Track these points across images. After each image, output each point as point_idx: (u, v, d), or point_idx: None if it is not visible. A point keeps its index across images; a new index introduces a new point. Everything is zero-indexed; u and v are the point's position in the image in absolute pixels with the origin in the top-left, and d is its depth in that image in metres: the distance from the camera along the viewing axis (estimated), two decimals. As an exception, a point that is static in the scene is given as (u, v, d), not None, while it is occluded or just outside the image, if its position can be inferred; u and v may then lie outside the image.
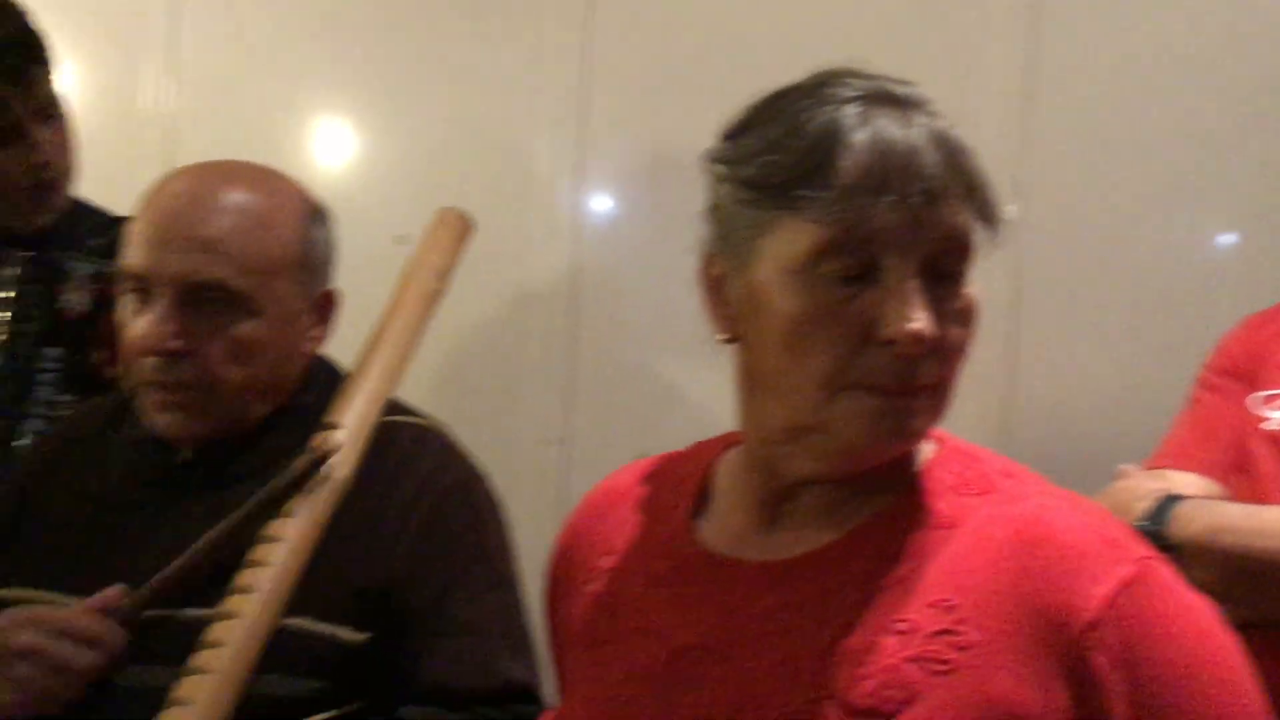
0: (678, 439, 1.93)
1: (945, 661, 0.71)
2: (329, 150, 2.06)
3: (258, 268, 1.08)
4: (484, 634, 1.06)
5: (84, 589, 1.06)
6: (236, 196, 1.10)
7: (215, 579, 1.01)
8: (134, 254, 1.08)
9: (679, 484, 0.88)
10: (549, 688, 1.04)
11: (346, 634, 1.04)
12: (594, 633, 0.86)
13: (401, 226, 1.94)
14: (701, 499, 0.87)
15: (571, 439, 1.94)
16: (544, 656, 1.08)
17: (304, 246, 1.12)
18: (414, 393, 1.28)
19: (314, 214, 1.15)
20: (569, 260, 1.93)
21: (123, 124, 2.06)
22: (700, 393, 1.90)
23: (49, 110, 1.49)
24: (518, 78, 1.94)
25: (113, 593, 1.03)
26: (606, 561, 0.88)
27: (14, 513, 1.16)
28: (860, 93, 0.76)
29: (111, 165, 1.90)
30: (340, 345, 1.27)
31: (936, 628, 0.72)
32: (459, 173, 1.97)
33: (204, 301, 1.07)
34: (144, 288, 1.08)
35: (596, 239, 1.94)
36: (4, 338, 1.42)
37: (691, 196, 1.96)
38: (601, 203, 1.95)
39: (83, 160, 1.64)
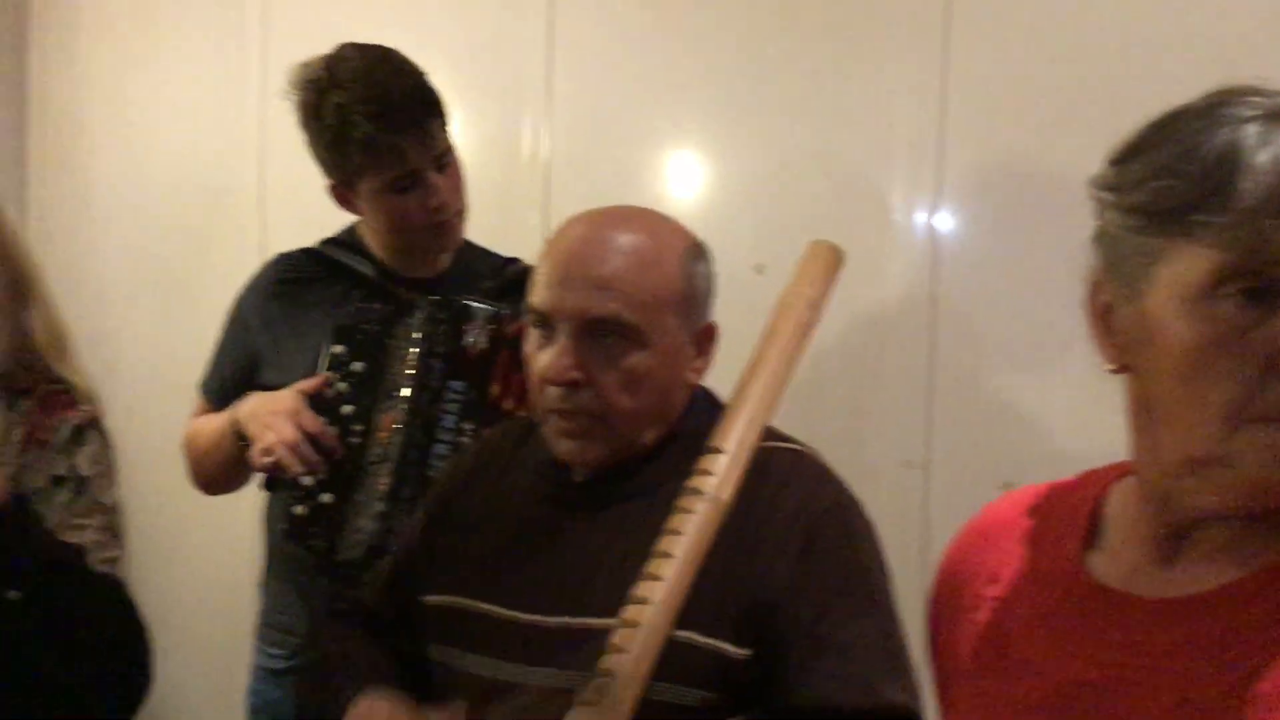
0: (1038, 464, 1.87)
1: (1366, 711, 0.67)
2: (689, 184, 2.15)
3: (647, 303, 1.16)
4: (862, 655, 1.08)
5: (497, 598, 1.19)
6: (627, 238, 1.18)
7: (615, 589, 1.10)
8: (538, 293, 1.19)
9: (1068, 514, 0.87)
10: (928, 713, 1.05)
11: (730, 649, 1.09)
12: (980, 662, 0.87)
13: (760, 256, 2.02)
14: (1092, 531, 0.86)
15: (931, 463, 1.94)
16: (922, 680, 1.10)
17: (687, 283, 1.19)
18: (775, 416, 1.33)
19: (695, 252, 1.22)
20: (927, 283, 1.93)
21: (506, 171, 2.26)
22: (1061, 417, 1.85)
23: (443, 159, 1.67)
24: (873, 103, 1.96)
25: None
26: (992, 590, 0.88)
27: (438, 525, 1.31)
28: (1261, 111, 0.73)
29: (496, 210, 2.09)
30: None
31: (1358, 675, 0.68)
32: (815, 200, 2.02)
33: (600, 335, 1.16)
34: (547, 324, 1.19)
35: (954, 261, 1.92)
36: (417, 372, 1.59)
37: (1051, 216, 1.92)
38: (959, 224, 1.93)
39: (473, 205, 1.82)
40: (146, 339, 2.78)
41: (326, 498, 1.59)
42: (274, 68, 2.54)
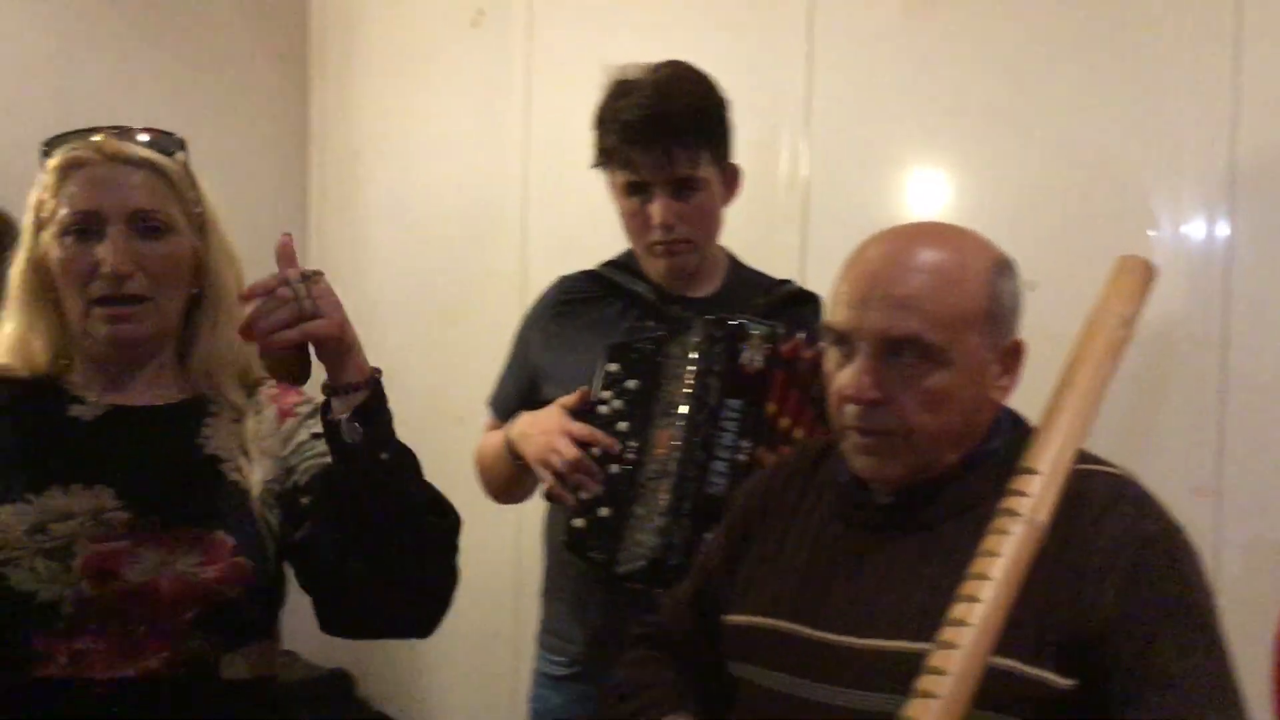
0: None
1: None
2: (952, 199, 2.11)
3: (949, 322, 1.14)
4: (1195, 688, 1.03)
5: (805, 618, 1.18)
6: (928, 255, 1.16)
7: (927, 612, 1.09)
8: (837, 312, 1.19)
9: None
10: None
11: (1054, 679, 1.06)
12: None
13: (1030, 272, 1.92)
14: None
15: (1224, 490, 1.82)
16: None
17: (992, 300, 1.16)
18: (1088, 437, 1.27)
19: (1001, 267, 1.19)
20: (1219, 297, 1.82)
21: (765, 192, 2.26)
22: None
23: (684, 184, 1.70)
24: (1155, 105, 1.86)
25: None
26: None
27: (738, 545, 1.32)
28: None
29: (755, 230, 2.11)
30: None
31: None
32: (1091, 211, 1.94)
33: (900, 354, 1.14)
34: (846, 343, 1.18)
35: (1248, 274, 1.81)
36: (694, 390, 1.61)
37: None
38: (1253, 234, 1.81)
39: (732, 226, 1.83)
40: (416, 358, 2.93)
41: (604, 511, 1.63)
42: (537, 103, 2.65)
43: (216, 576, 1.24)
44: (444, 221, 2.84)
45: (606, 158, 1.74)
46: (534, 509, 1.97)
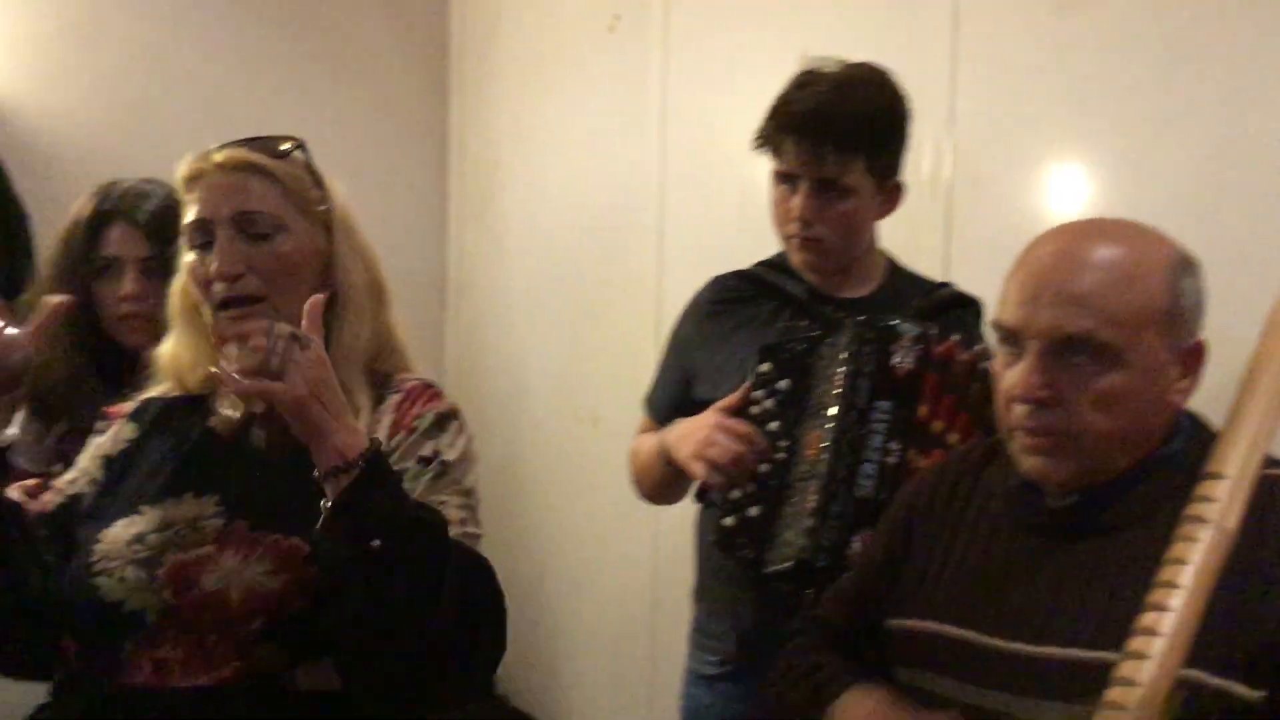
0: None
1: None
2: (1105, 199, 2.04)
3: (1124, 320, 1.11)
4: None
5: (976, 624, 1.17)
6: (1104, 252, 1.14)
7: (1105, 620, 1.06)
8: (1006, 310, 1.17)
9: None
10: None
11: (1243, 690, 1.03)
12: None
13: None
14: None
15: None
16: None
17: (1171, 299, 1.13)
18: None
19: (1182, 265, 1.16)
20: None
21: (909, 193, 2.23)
22: None
23: (829, 185, 1.69)
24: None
25: None
26: None
27: (901, 548, 1.30)
28: None
29: (897, 231, 2.08)
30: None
31: None
32: (1256, 204, 1.85)
33: (1071, 353, 1.12)
34: (1015, 341, 1.16)
35: None
36: (844, 391, 1.59)
37: None
38: None
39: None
40: (552, 361, 2.97)
41: (754, 511, 1.62)
42: (674, 107, 2.66)
43: (282, 586, 1.20)
44: (581, 226, 2.87)
45: (763, 140, 1.74)
46: (671, 512, 1.98)
